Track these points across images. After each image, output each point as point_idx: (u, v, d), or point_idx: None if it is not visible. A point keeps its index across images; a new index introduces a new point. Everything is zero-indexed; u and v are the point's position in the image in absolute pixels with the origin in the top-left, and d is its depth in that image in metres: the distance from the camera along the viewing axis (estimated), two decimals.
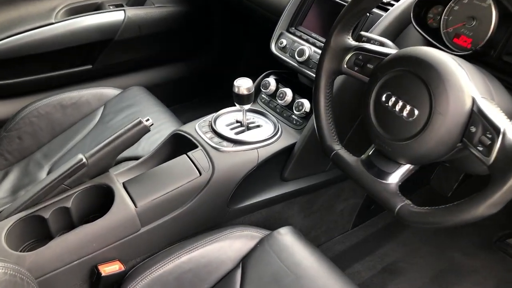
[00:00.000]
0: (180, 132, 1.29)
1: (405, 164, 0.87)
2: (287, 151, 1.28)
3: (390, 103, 0.83)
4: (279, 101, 1.37)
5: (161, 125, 1.63)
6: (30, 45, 1.72)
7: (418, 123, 0.79)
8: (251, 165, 1.21)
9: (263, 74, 1.46)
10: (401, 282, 1.48)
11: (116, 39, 1.86)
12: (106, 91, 1.80)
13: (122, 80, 1.96)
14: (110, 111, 1.75)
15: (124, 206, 1.06)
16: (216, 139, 1.24)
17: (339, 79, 1.10)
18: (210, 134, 1.26)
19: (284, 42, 1.38)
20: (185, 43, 2.16)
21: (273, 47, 1.41)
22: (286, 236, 1.10)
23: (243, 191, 1.24)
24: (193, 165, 1.18)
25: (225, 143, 1.23)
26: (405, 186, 0.88)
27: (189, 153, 1.21)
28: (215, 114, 1.33)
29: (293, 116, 1.35)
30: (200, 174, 1.16)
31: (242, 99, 1.21)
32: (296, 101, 1.33)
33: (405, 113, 0.80)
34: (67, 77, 1.89)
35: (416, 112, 0.79)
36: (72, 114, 1.66)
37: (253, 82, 1.43)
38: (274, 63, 1.42)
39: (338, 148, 0.99)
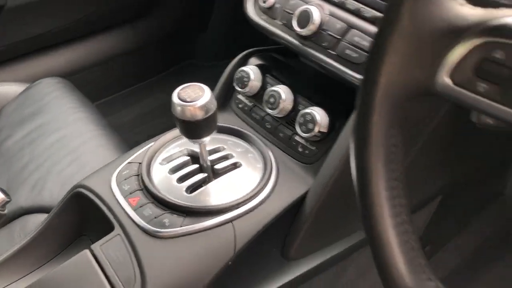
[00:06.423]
0: (84, 192, 0.67)
1: None
2: (292, 210, 0.68)
3: None
4: (269, 110, 0.74)
5: (84, 144, 1.00)
6: None
7: None
8: (223, 258, 0.61)
9: (237, 58, 0.82)
10: None
11: (8, 5, 1.19)
12: (2, 88, 1.16)
13: (29, 68, 1.30)
14: (7, 122, 1.13)
15: None
16: (150, 209, 0.63)
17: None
18: (138, 198, 0.64)
19: None
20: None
21: (249, 7, 0.77)
22: None
23: None
24: (102, 276, 0.58)
25: (168, 216, 0.62)
26: None
27: (96, 247, 0.60)
28: (150, 147, 0.71)
29: (296, 138, 0.73)
30: None
31: (193, 129, 0.59)
32: (302, 111, 0.70)
33: None
34: None
35: None
36: None
37: (219, 77, 0.81)
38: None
39: None
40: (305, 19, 0.68)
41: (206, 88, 0.58)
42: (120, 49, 1.53)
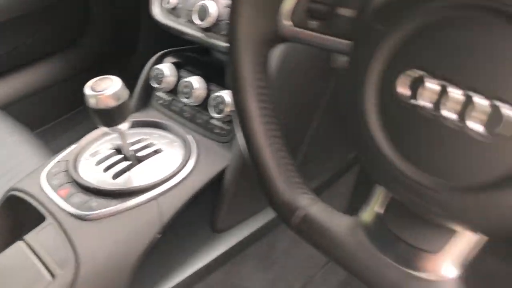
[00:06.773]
0: (16, 194, 0.71)
1: (465, 235, 0.37)
2: (215, 184, 0.74)
3: (427, 98, 0.32)
4: (185, 100, 0.81)
5: (21, 164, 1.03)
6: None
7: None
8: (151, 232, 0.66)
9: (152, 58, 0.89)
10: None
11: None
12: None
13: None
14: None
15: None
16: (79, 197, 0.67)
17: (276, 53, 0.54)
18: (68, 189, 0.69)
19: None
20: (53, 28, 1.52)
21: (155, 10, 0.84)
22: None
23: (143, 277, 0.70)
24: (37, 261, 0.62)
25: (95, 200, 0.67)
26: None
27: (29, 237, 0.65)
28: (75, 146, 0.76)
29: (212, 121, 0.80)
30: (54, 276, 0.61)
31: (107, 117, 0.65)
32: (212, 95, 0.78)
33: (471, 121, 0.29)
34: None
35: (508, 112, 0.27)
36: None
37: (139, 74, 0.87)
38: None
39: (307, 203, 0.45)
40: (203, 13, 0.76)
41: (116, 79, 0.64)
42: (53, 78, 1.56)
